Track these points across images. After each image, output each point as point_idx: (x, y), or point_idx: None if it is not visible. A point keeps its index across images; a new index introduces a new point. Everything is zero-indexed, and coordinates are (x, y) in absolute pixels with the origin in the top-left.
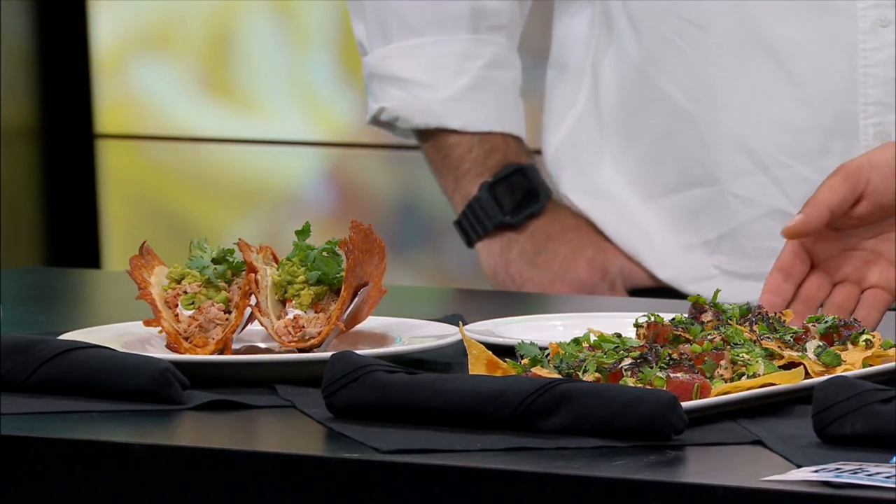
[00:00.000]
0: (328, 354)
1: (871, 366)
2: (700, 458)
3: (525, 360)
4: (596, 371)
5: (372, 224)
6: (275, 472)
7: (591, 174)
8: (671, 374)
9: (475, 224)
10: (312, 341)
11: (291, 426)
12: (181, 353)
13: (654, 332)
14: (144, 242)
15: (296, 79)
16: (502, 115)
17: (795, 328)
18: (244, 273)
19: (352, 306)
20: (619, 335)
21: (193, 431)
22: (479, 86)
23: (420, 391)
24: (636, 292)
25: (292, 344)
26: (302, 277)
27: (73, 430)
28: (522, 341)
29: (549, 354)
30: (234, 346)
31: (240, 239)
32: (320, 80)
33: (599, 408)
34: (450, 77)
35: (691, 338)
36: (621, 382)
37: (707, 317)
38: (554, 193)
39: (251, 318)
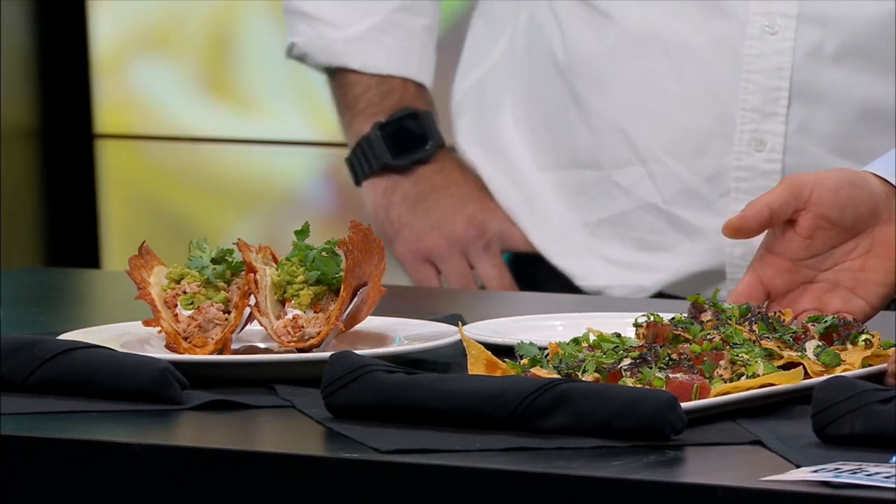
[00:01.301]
0: (327, 354)
1: (870, 365)
2: (699, 458)
3: (524, 361)
4: (595, 371)
5: (371, 224)
6: (274, 472)
7: (490, 128)
8: (670, 375)
9: (363, 162)
10: (312, 341)
11: (291, 426)
12: (180, 353)
13: (653, 332)
14: (144, 242)
15: (295, 79)
16: (405, 60)
17: (795, 328)
18: (243, 273)
19: (351, 306)
20: (618, 335)
21: (193, 431)
22: (385, 29)
23: (419, 391)
24: (513, 258)
25: (291, 344)
26: (301, 277)
27: (73, 431)
28: (522, 341)
29: (548, 355)
30: (234, 346)
31: (239, 239)
32: (320, 81)
33: (599, 408)
34: (357, 17)
35: (690, 337)
36: (620, 383)
37: (706, 316)
38: (446, 144)
39: (250, 318)
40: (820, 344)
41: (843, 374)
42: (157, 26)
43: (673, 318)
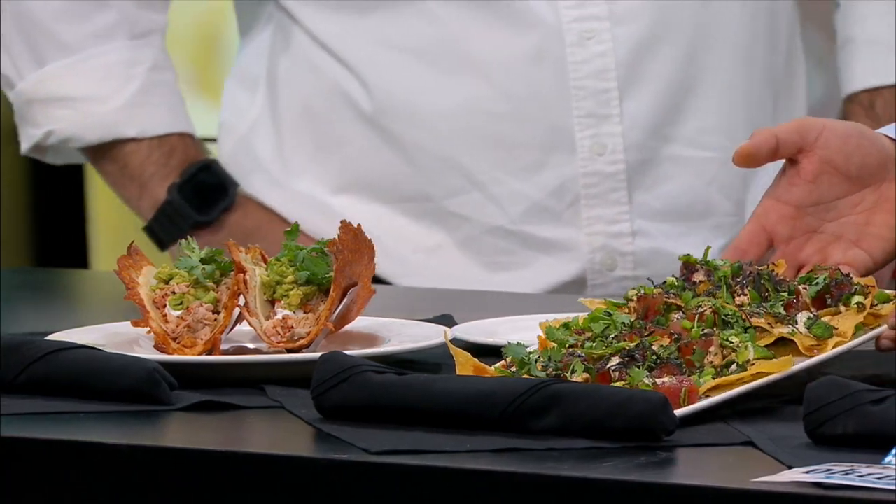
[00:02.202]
0: (317, 355)
1: (865, 326)
2: (691, 459)
3: (509, 361)
4: (584, 372)
5: (361, 224)
6: (264, 473)
7: (282, 180)
8: (658, 381)
9: (169, 228)
10: (301, 342)
11: (280, 427)
12: (169, 354)
13: (644, 306)
14: (132, 242)
15: None
16: (175, 115)
17: (787, 292)
18: (233, 273)
19: (341, 307)
20: (609, 313)
21: (181, 432)
22: (149, 90)
23: (409, 392)
24: None
25: (281, 344)
26: (291, 277)
27: (62, 431)
28: (509, 342)
29: (538, 355)
30: (223, 347)
31: (229, 240)
32: None
33: (590, 408)
34: (119, 85)
35: (683, 304)
36: (614, 384)
37: (699, 276)
38: (239, 185)
39: (240, 319)
40: (811, 315)
41: (835, 377)
42: None
43: (665, 283)
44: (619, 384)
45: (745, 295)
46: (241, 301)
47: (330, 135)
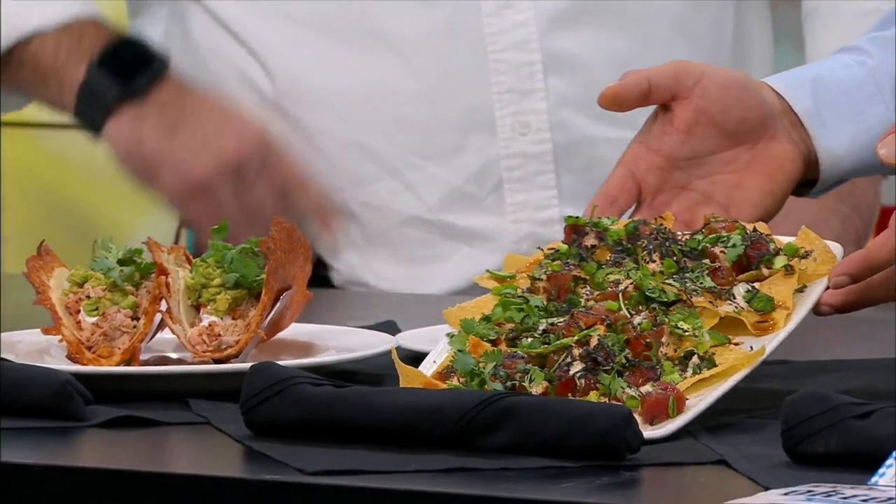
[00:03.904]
0: (247, 365)
1: (805, 287)
2: (657, 479)
3: (463, 378)
4: (544, 380)
5: (295, 221)
6: (188, 495)
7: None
8: (641, 391)
9: (94, 106)
10: (229, 351)
11: (206, 444)
12: (84, 365)
13: (555, 285)
14: (43, 242)
15: None
16: (77, 2)
17: (708, 263)
18: (153, 276)
19: (273, 312)
20: (525, 299)
21: (98, 451)
22: None
23: (349, 406)
24: None
25: (207, 354)
26: (218, 280)
27: None
28: (458, 353)
29: (480, 363)
30: (143, 357)
31: (149, 238)
32: None
33: (547, 424)
34: None
35: (588, 277)
36: (589, 398)
37: (590, 240)
38: (166, 57)
39: (161, 326)
40: (749, 288)
41: (814, 389)
42: None
43: (557, 252)
44: (593, 395)
45: (655, 262)
46: (163, 306)
47: None
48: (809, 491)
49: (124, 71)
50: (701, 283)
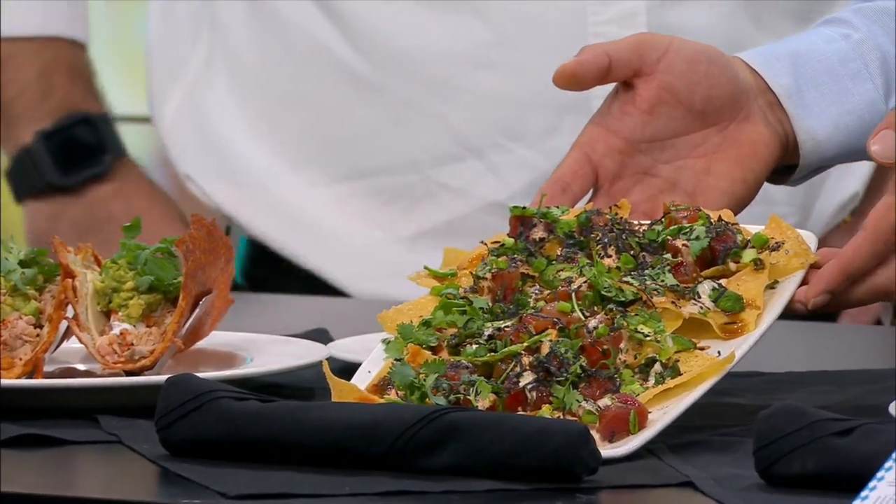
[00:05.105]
0: (163, 378)
1: (776, 282)
2: (617, 503)
3: (401, 392)
4: (491, 393)
5: (216, 219)
6: None
7: (223, 152)
8: (599, 404)
9: (23, 181)
10: (143, 362)
11: (117, 466)
12: None
13: (501, 284)
14: None
15: (116, 48)
16: (56, 14)
17: (670, 258)
18: (59, 279)
19: (192, 319)
20: (469, 301)
21: None
22: None
23: (276, 423)
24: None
25: (118, 365)
26: (131, 284)
27: None
28: (395, 363)
29: (420, 374)
30: (47, 368)
31: (54, 237)
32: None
33: (495, 442)
34: None
35: (536, 274)
36: (541, 413)
37: (539, 232)
38: (128, 155)
39: (67, 334)
40: (715, 286)
41: (792, 403)
42: None
43: (502, 246)
44: (546, 409)
45: (611, 257)
46: (70, 312)
47: (291, 92)
48: None
49: (69, 156)
50: (662, 281)
